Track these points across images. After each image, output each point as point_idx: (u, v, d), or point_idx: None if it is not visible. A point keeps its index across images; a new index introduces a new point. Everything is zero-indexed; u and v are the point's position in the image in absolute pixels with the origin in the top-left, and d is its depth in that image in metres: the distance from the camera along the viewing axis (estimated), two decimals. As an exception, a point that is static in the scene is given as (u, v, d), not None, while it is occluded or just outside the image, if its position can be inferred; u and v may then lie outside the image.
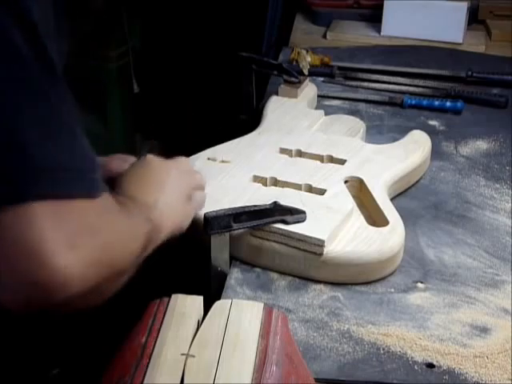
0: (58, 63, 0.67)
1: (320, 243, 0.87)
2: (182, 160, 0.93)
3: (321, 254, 0.87)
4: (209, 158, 1.04)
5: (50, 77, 0.65)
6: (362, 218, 0.93)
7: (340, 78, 1.44)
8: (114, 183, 0.83)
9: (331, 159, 1.05)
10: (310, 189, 0.98)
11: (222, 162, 1.04)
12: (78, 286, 0.63)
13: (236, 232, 0.89)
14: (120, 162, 0.92)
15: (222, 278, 0.89)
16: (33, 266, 0.61)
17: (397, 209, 0.96)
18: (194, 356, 0.64)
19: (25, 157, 0.62)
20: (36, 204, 0.61)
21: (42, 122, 0.64)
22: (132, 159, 0.94)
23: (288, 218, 0.89)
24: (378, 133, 1.24)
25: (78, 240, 0.63)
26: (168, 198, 0.84)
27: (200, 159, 1.04)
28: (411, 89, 1.40)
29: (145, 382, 0.62)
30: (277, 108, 1.20)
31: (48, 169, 0.63)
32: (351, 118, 1.20)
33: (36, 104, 0.64)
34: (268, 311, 0.70)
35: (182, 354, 0.64)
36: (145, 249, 0.75)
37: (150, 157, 0.88)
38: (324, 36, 1.69)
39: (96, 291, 0.66)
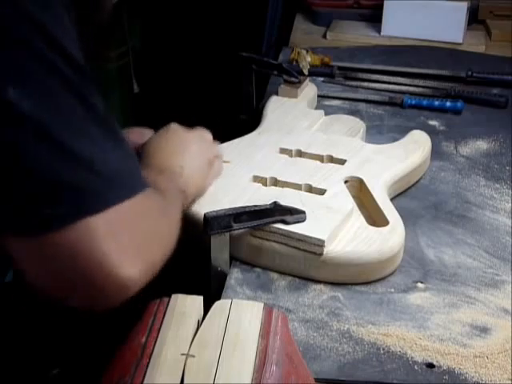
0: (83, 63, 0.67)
1: (320, 243, 0.87)
2: (203, 130, 0.97)
3: (321, 254, 0.87)
4: None
5: (81, 78, 0.65)
6: (361, 218, 0.93)
7: (340, 78, 1.45)
8: (137, 153, 0.86)
9: (331, 159, 1.05)
10: (310, 189, 0.98)
11: (223, 161, 1.04)
12: (137, 289, 0.67)
13: (236, 232, 0.89)
14: (139, 135, 0.95)
15: (222, 278, 0.89)
16: (98, 278, 0.64)
17: (397, 209, 0.96)
18: (194, 356, 0.64)
19: (85, 170, 0.63)
20: (98, 216, 0.62)
21: (90, 131, 0.65)
22: (148, 131, 0.97)
23: (288, 217, 0.89)
24: (378, 133, 1.24)
25: (140, 249, 0.66)
26: (192, 164, 0.89)
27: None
28: (411, 89, 1.40)
29: (145, 382, 0.62)
30: (277, 108, 1.20)
31: (108, 180, 0.64)
32: (351, 118, 1.20)
33: (80, 110, 0.64)
34: (268, 311, 0.70)
35: (182, 354, 0.64)
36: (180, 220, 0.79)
37: (174, 125, 0.93)
38: (324, 36, 1.69)
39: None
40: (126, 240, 0.65)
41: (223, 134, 1.12)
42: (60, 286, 0.66)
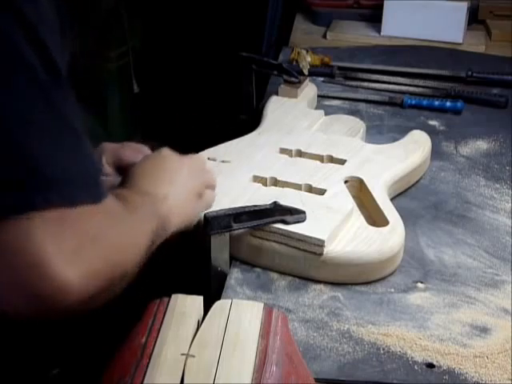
0: (62, 64, 0.66)
1: (320, 243, 0.87)
2: (196, 157, 0.93)
3: (321, 254, 0.87)
4: (209, 158, 1.04)
5: (53, 80, 0.65)
6: (362, 218, 0.93)
7: (340, 78, 1.45)
8: (125, 173, 0.84)
9: (331, 159, 1.05)
10: (310, 189, 0.98)
11: (223, 161, 1.04)
12: (78, 296, 0.63)
13: (236, 232, 0.89)
14: (133, 152, 0.92)
15: (222, 278, 0.89)
16: (33, 277, 0.61)
17: (397, 209, 0.96)
18: (194, 356, 0.64)
19: (29, 167, 0.62)
20: (38, 215, 0.61)
21: (45, 129, 0.63)
22: (145, 149, 0.94)
23: (288, 217, 0.89)
24: (378, 133, 1.24)
25: (79, 252, 0.63)
26: (179, 194, 0.84)
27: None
28: (411, 89, 1.40)
29: (145, 382, 0.62)
30: (277, 108, 1.20)
31: (52, 179, 0.62)
32: (351, 118, 1.20)
33: (40, 110, 0.63)
34: (268, 311, 0.70)
35: (182, 354, 0.64)
36: (152, 245, 0.75)
37: (166, 151, 0.88)
38: (324, 36, 1.69)
39: (97, 296, 0.66)
40: (65, 242, 0.62)
41: (223, 134, 1.12)
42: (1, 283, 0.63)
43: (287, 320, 0.72)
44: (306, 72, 1.36)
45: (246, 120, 1.26)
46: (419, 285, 0.89)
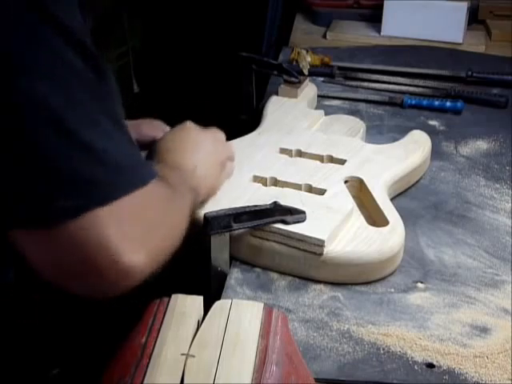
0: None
1: (320, 243, 0.87)
2: (217, 131, 0.97)
3: (321, 254, 0.87)
4: None
5: (98, 77, 0.66)
6: (362, 218, 0.93)
7: (340, 78, 1.44)
8: (149, 149, 0.88)
9: (331, 159, 1.05)
10: (310, 189, 0.98)
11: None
12: (142, 277, 0.68)
13: (236, 232, 0.89)
14: (150, 127, 0.97)
15: (222, 278, 0.89)
16: (103, 266, 0.65)
17: (397, 209, 0.96)
18: (194, 356, 0.64)
19: (89, 165, 0.64)
20: (102, 208, 0.64)
21: (96, 121, 0.65)
22: (163, 125, 0.99)
23: (288, 217, 0.89)
24: (378, 133, 1.24)
25: (142, 238, 0.67)
26: (205, 164, 0.89)
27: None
28: (411, 89, 1.40)
29: (145, 382, 0.62)
30: (277, 108, 1.20)
31: (110, 173, 0.65)
32: (351, 117, 1.20)
33: (94, 110, 0.65)
34: (268, 311, 0.70)
35: (182, 354, 0.64)
36: (190, 217, 0.80)
37: (190, 124, 0.93)
38: (324, 36, 1.69)
39: (155, 270, 0.70)
40: (131, 229, 0.66)
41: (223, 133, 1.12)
42: (68, 273, 0.67)
43: (287, 320, 0.72)
44: (306, 72, 1.36)
45: (245, 120, 1.26)
46: (419, 285, 0.89)
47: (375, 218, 0.95)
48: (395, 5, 1.63)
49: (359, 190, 1.00)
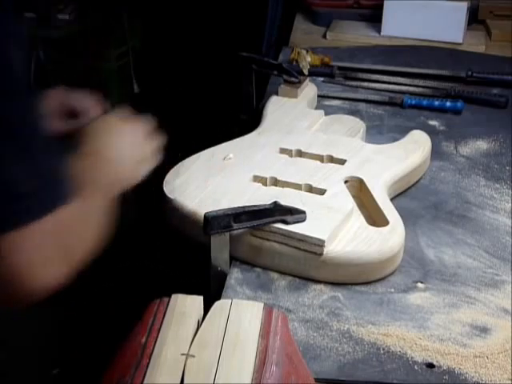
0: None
1: (320, 243, 0.87)
2: (142, 123, 0.95)
3: (321, 254, 0.87)
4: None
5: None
6: (362, 218, 0.93)
7: (340, 78, 1.44)
8: (72, 138, 0.89)
9: (331, 159, 1.05)
10: (310, 189, 0.98)
11: (224, 159, 1.04)
12: (57, 288, 0.69)
13: (236, 232, 0.89)
14: (61, 95, 0.99)
15: (222, 278, 0.89)
16: (14, 287, 0.67)
17: (397, 209, 0.96)
18: (194, 356, 0.64)
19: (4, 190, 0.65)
20: (9, 236, 0.65)
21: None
22: (89, 96, 1.01)
23: (288, 218, 0.89)
24: (378, 133, 1.24)
25: (48, 258, 0.68)
26: (124, 156, 0.88)
27: (201, 158, 1.04)
28: (411, 89, 1.40)
29: (145, 382, 0.62)
30: (277, 108, 1.20)
31: (21, 197, 0.66)
32: (351, 118, 1.20)
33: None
34: (268, 311, 0.70)
35: (182, 354, 0.64)
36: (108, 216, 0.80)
37: (111, 117, 0.93)
38: (324, 36, 1.69)
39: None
40: (43, 253, 0.67)
41: (223, 134, 1.12)
42: None
43: (287, 320, 0.72)
44: (306, 72, 1.36)
45: (246, 120, 1.26)
46: (419, 285, 0.89)
47: (375, 217, 0.95)
48: (395, 5, 1.63)
49: (359, 189, 1.00)
